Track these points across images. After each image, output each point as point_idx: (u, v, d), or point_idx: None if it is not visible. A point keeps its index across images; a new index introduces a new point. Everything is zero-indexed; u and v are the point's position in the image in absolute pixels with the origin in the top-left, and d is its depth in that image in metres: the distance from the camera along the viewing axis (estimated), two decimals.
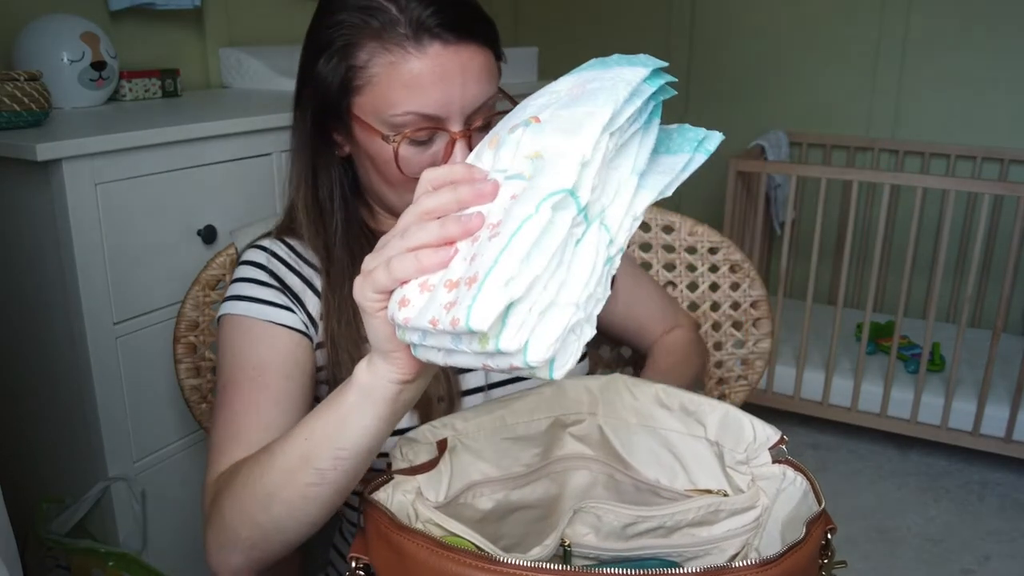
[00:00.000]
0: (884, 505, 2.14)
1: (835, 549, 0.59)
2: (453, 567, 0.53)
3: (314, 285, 0.84)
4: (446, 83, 0.74)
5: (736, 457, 0.69)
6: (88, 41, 1.53)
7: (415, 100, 0.74)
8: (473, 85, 0.75)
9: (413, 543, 0.55)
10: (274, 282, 0.83)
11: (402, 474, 0.64)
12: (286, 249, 0.86)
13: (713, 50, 2.98)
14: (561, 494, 0.76)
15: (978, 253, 2.13)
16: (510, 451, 0.72)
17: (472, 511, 0.70)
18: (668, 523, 0.66)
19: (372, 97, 0.76)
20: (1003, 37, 2.55)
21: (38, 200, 1.20)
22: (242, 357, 0.79)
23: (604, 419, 0.75)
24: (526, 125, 0.51)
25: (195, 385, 1.04)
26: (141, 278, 1.30)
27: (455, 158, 0.76)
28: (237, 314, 0.81)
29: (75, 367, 1.25)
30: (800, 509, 0.63)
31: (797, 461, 0.65)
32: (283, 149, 1.52)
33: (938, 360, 2.45)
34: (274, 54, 1.97)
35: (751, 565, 0.52)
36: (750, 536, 0.67)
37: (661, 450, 0.73)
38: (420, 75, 0.73)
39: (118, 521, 1.32)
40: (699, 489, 0.71)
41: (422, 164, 0.77)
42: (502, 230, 0.46)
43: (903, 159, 2.74)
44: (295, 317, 0.81)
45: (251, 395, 0.76)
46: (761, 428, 0.68)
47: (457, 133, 0.76)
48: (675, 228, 1.21)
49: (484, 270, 0.45)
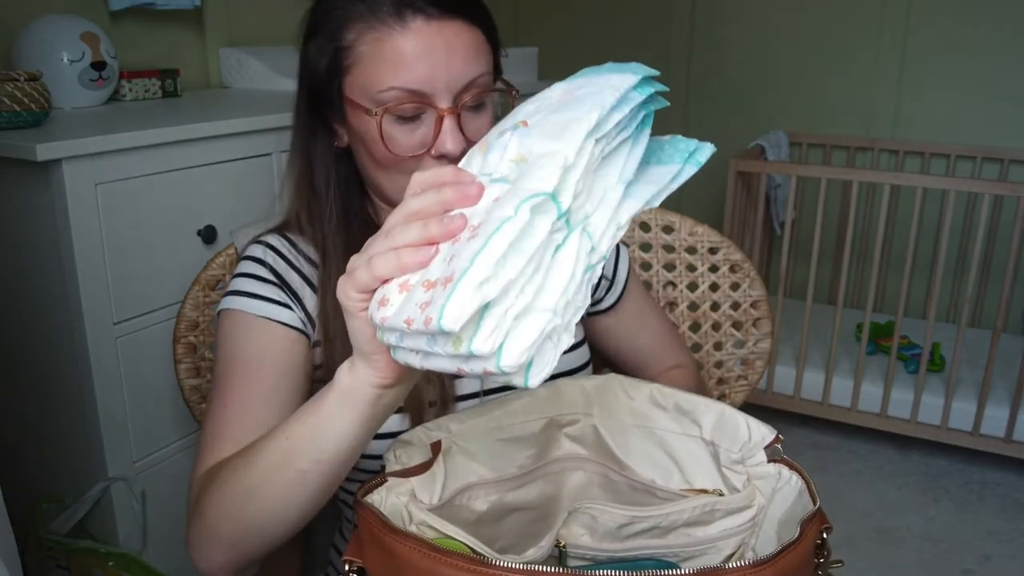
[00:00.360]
0: (884, 505, 2.14)
1: (831, 549, 0.59)
2: (446, 570, 0.52)
3: (313, 282, 0.84)
4: (430, 58, 0.74)
5: (732, 456, 0.69)
6: (88, 41, 1.53)
7: (399, 75, 0.74)
8: (459, 61, 0.75)
9: (406, 546, 0.54)
10: (273, 278, 0.83)
11: (396, 476, 0.64)
12: (287, 245, 0.85)
13: (713, 50, 2.98)
14: (557, 495, 0.76)
15: (978, 253, 2.13)
16: (505, 452, 0.72)
17: (467, 513, 0.70)
18: (664, 523, 0.66)
19: (360, 76, 0.76)
20: (1003, 37, 2.55)
21: (38, 200, 1.20)
22: (237, 352, 0.79)
23: (599, 419, 0.75)
24: (514, 129, 0.51)
25: (195, 385, 1.04)
26: (141, 278, 1.30)
27: (444, 136, 0.76)
28: (235, 309, 0.81)
29: (75, 367, 1.25)
30: (796, 508, 0.63)
31: (792, 460, 0.65)
32: (283, 149, 1.52)
33: (938, 360, 2.45)
34: (274, 54, 1.97)
35: (745, 566, 0.52)
36: (746, 536, 0.67)
37: (656, 450, 0.73)
38: (403, 50, 0.74)
39: (118, 521, 1.32)
40: (695, 489, 0.71)
41: (411, 145, 0.77)
42: (480, 231, 0.46)
43: (903, 159, 2.74)
44: (293, 314, 0.81)
45: (243, 391, 0.76)
46: (756, 427, 0.68)
47: (444, 109, 0.76)
48: (675, 228, 1.21)
49: (460, 270, 0.44)
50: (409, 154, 0.77)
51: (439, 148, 0.77)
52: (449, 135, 0.76)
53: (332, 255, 0.83)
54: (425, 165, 0.78)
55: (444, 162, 0.77)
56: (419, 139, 0.77)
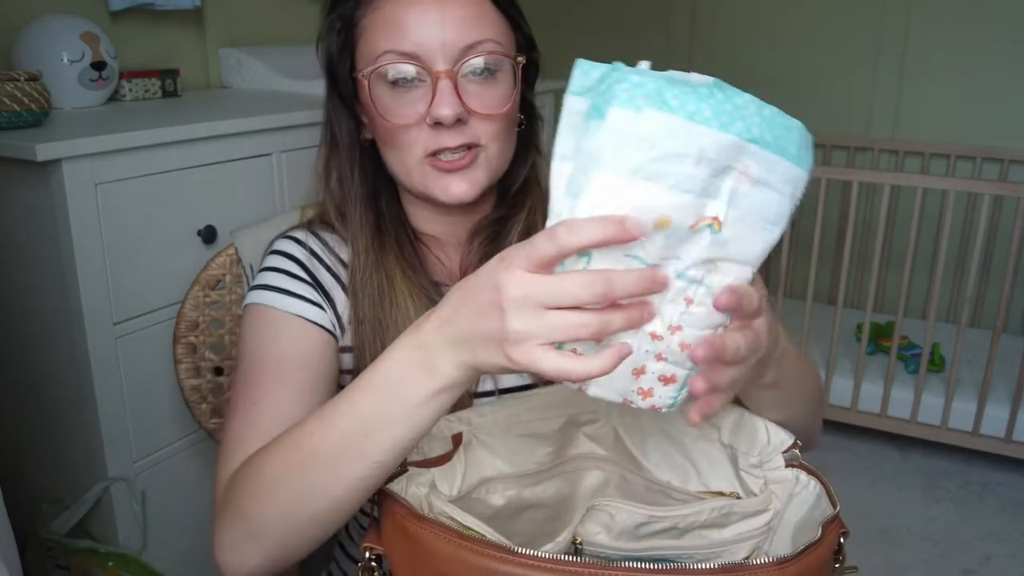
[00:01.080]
0: (884, 505, 2.14)
1: (846, 554, 0.59)
2: (472, 557, 0.53)
3: (344, 283, 0.82)
4: (423, 19, 0.73)
5: (750, 461, 0.69)
6: (88, 41, 1.53)
7: (392, 38, 0.74)
8: (457, 24, 0.74)
9: (432, 533, 0.55)
10: (306, 276, 0.81)
11: (416, 466, 0.64)
12: (319, 243, 0.84)
13: (713, 50, 2.98)
14: (573, 493, 0.76)
15: (978, 253, 2.13)
16: (523, 448, 0.72)
17: (484, 507, 0.70)
18: (680, 524, 0.66)
19: (364, 48, 0.76)
20: (1003, 37, 2.55)
21: (38, 200, 1.20)
22: (266, 349, 0.76)
23: (619, 420, 0.75)
24: (710, 229, 0.49)
25: (195, 385, 1.04)
26: (141, 278, 1.30)
27: (439, 98, 0.73)
28: (265, 304, 0.78)
29: (75, 367, 1.25)
30: (813, 513, 0.63)
31: (811, 465, 0.65)
32: (283, 149, 1.52)
33: (938, 360, 2.45)
34: (274, 54, 1.97)
35: (768, 563, 0.52)
36: (760, 540, 0.67)
37: (674, 452, 0.73)
38: (396, 13, 0.74)
39: (118, 521, 1.32)
40: (711, 491, 0.71)
41: (407, 114, 0.75)
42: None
43: (903, 159, 2.74)
44: (324, 315, 0.80)
45: (273, 388, 0.74)
46: (775, 432, 0.68)
47: (440, 72, 0.74)
48: None
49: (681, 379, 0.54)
50: (403, 122, 0.75)
51: (434, 113, 0.74)
52: (443, 98, 0.73)
53: (360, 236, 0.81)
54: (422, 137, 0.76)
55: (440, 131, 0.75)
56: (416, 107, 0.75)
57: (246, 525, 0.63)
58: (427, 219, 0.86)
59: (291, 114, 1.50)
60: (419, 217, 0.86)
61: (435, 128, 0.75)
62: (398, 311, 0.80)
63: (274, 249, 0.84)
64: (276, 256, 0.83)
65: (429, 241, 0.86)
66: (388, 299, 0.80)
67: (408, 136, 0.76)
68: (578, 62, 0.50)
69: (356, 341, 0.80)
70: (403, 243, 0.83)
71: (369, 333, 0.79)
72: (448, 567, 0.54)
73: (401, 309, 0.80)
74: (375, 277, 0.80)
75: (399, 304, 0.80)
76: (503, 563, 0.52)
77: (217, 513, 0.67)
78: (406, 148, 0.77)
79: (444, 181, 0.77)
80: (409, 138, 0.76)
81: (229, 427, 0.74)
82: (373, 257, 0.81)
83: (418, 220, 0.87)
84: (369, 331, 0.79)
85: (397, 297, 0.80)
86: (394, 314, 0.79)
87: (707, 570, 0.51)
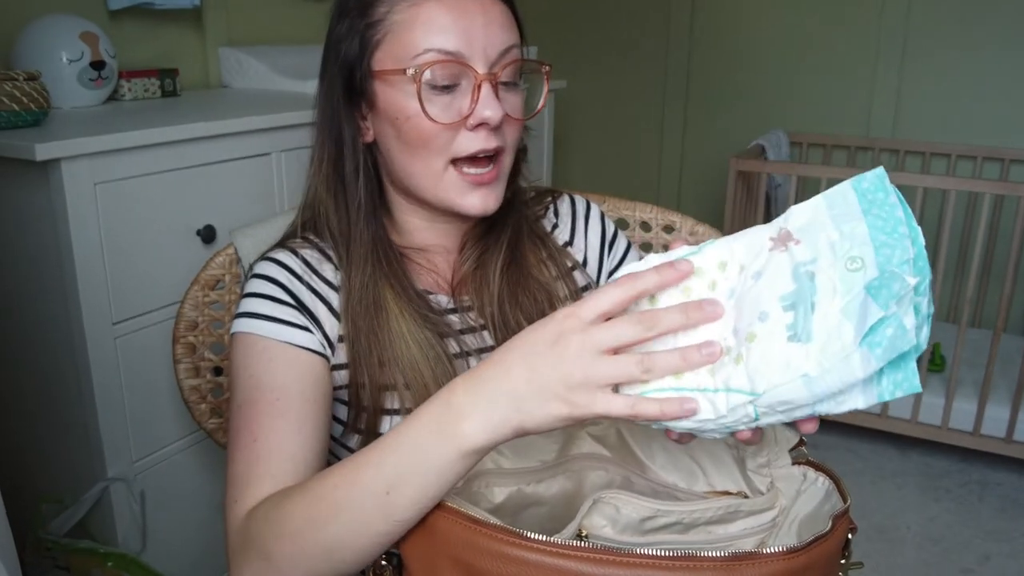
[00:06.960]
0: (884, 505, 2.14)
1: (853, 550, 0.59)
2: (484, 541, 0.53)
3: (328, 302, 0.81)
4: (467, 20, 0.73)
5: (758, 461, 0.69)
6: (87, 41, 1.53)
7: (435, 37, 0.73)
8: (495, 27, 0.75)
9: (445, 519, 0.55)
10: (290, 300, 0.79)
11: None
12: (298, 261, 0.82)
13: (713, 50, 2.98)
14: (577, 492, 0.76)
15: (979, 253, 2.13)
16: (525, 444, 0.72)
17: (485, 502, 0.70)
18: (686, 520, 0.66)
19: (392, 46, 0.75)
20: (1003, 37, 2.55)
21: (38, 200, 1.20)
22: (260, 380, 0.75)
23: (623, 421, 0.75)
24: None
25: (194, 385, 1.04)
26: (140, 278, 1.30)
27: (483, 101, 0.74)
28: (253, 333, 0.77)
29: (75, 367, 1.25)
30: (822, 508, 0.64)
31: (820, 462, 0.66)
32: (283, 149, 1.52)
33: (938, 360, 2.44)
34: (274, 54, 1.97)
35: (778, 552, 0.52)
36: (765, 536, 0.67)
37: (680, 453, 0.73)
38: (439, 13, 0.73)
39: (117, 521, 1.32)
40: (717, 491, 0.71)
41: (448, 116, 0.75)
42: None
43: (903, 159, 2.74)
44: (312, 337, 0.78)
45: (272, 422, 0.73)
46: (781, 431, 0.68)
47: (483, 75, 0.74)
48: (676, 228, 1.21)
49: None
50: (446, 121, 0.75)
51: (478, 115, 0.74)
52: (489, 100, 0.74)
53: (357, 248, 0.80)
54: (453, 140, 0.76)
55: (481, 132, 0.75)
56: (456, 110, 0.75)
57: (268, 565, 0.64)
58: (418, 227, 0.86)
59: (290, 114, 1.50)
60: (409, 225, 0.86)
61: (475, 131, 0.75)
62: (392, 322, 0.79)
63: (256, 273, 0.81)
64: (257, 280, 0.80)
65: (415, 251, 0.86)
66: (383, 311, 0.79)
67: (439, 139, 0.76)
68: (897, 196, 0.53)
69: (351, 357, 0.80)
70: (389, 253, 0.83)
71: (365, 347, 0.79)
72: (461, 552, 0.55)
73: (395, 320, 0.79)
74: (371, 289, 0.80)
75: (392, 315, 0.79)
76: (517, 548, 0.52)
77: (234, 549, 0.67)
78: (434, 152, 0.76)
79: (472, 194, 0.78)
80: (439, 141, 0.76)
81: (233, 463, 0.73)
82: (371, 269, 0.80)
83: (407, 228, 0.86)
84: (365, 345, 0.79)
85: (391, 308, 0.80)
86: (389, 326, 0.79)
87: (717, 558, 0.51)
